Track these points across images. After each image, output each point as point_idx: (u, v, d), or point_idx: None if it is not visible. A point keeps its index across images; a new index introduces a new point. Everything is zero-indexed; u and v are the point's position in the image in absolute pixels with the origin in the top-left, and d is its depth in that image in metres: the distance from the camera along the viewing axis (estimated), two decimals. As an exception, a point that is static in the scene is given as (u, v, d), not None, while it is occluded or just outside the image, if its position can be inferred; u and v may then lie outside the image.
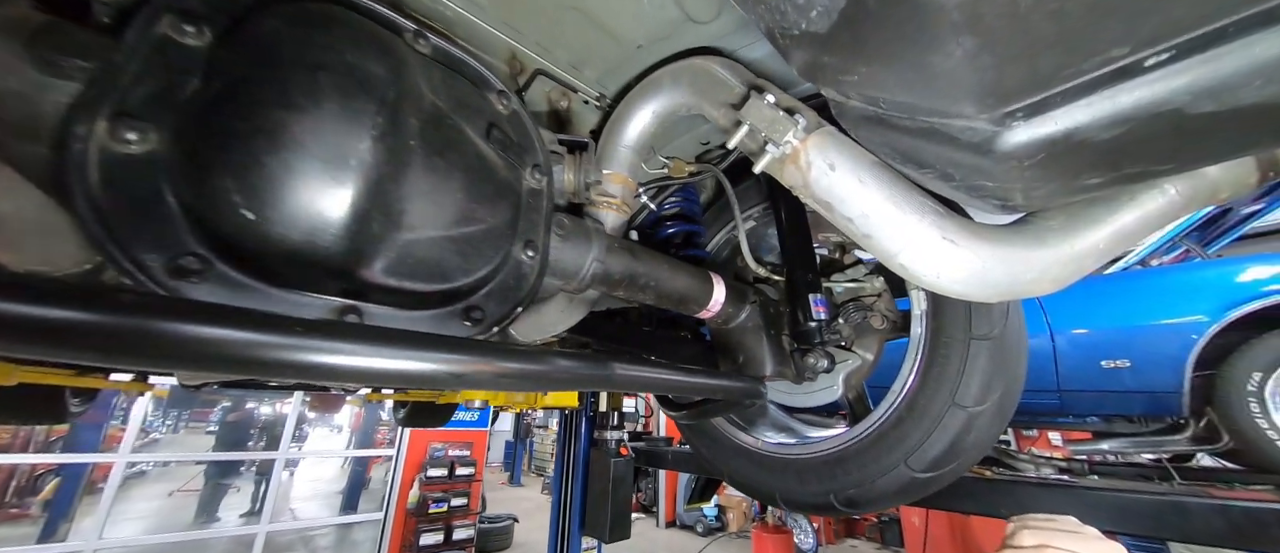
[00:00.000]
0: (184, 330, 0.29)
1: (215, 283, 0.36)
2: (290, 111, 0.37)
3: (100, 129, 0.34)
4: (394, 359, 0.36)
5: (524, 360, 0.43)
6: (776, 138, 0.65)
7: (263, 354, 0.31)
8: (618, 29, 0.91)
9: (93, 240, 0.33)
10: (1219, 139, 0.43)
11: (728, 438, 1.18)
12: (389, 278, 0.43)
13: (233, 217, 0.36)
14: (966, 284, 0.61)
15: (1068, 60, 0.35)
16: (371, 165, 0.40)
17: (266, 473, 9.32)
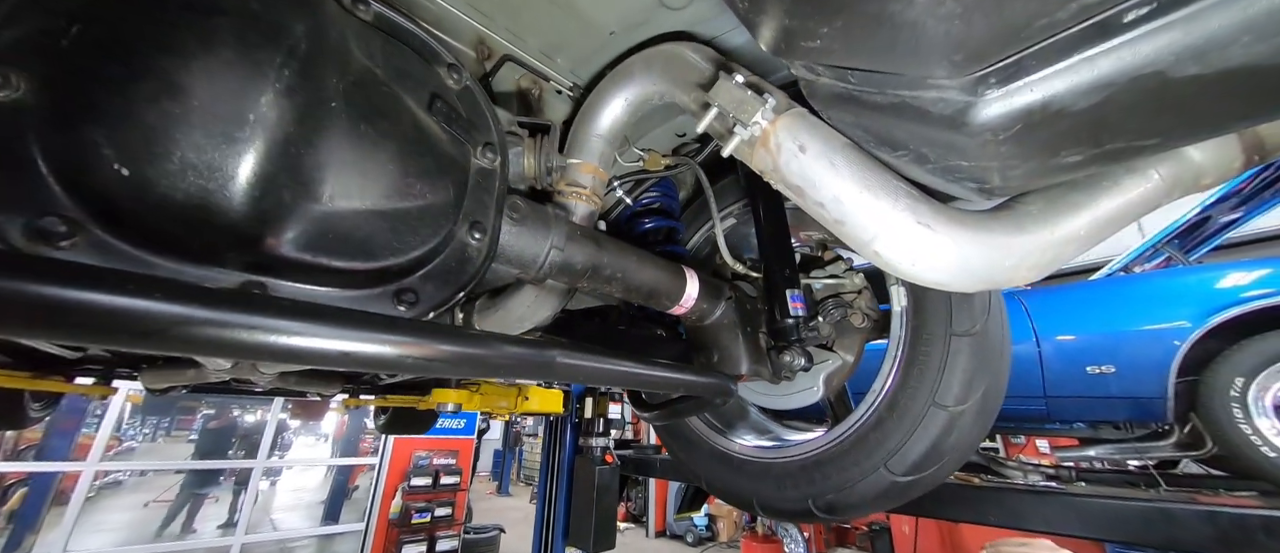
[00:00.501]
0: (29, 290, 0.24)
1: (88, 249, 0.31)
2: (175, 56, 0.32)
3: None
4: (306, 336, 0.32)
5: (457, 342, 0.39)
6: (745, 119, 0.62)
7: (129, 323, 0.27)
8: (590, 14, 0.88)
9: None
10: (1204, 108, 0.40)
11: (704, 441, 1.13)
12: (303, 253, 0.39)
13: (105, 172, 0.31)
14: (944, 272, 0.58)
15: (1040, 7, 0.32)
16: (276, 124, 0.35)
17: (245, 483, 9.04)
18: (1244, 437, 2.47)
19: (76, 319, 0.26)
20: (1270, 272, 2.72)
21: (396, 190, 0.44)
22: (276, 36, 0.36)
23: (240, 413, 10.83)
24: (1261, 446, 2.40)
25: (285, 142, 0.36)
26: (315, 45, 0.38)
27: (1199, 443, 2.84)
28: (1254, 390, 2.47)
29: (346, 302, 0.41)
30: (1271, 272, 2.72)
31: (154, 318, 0.27)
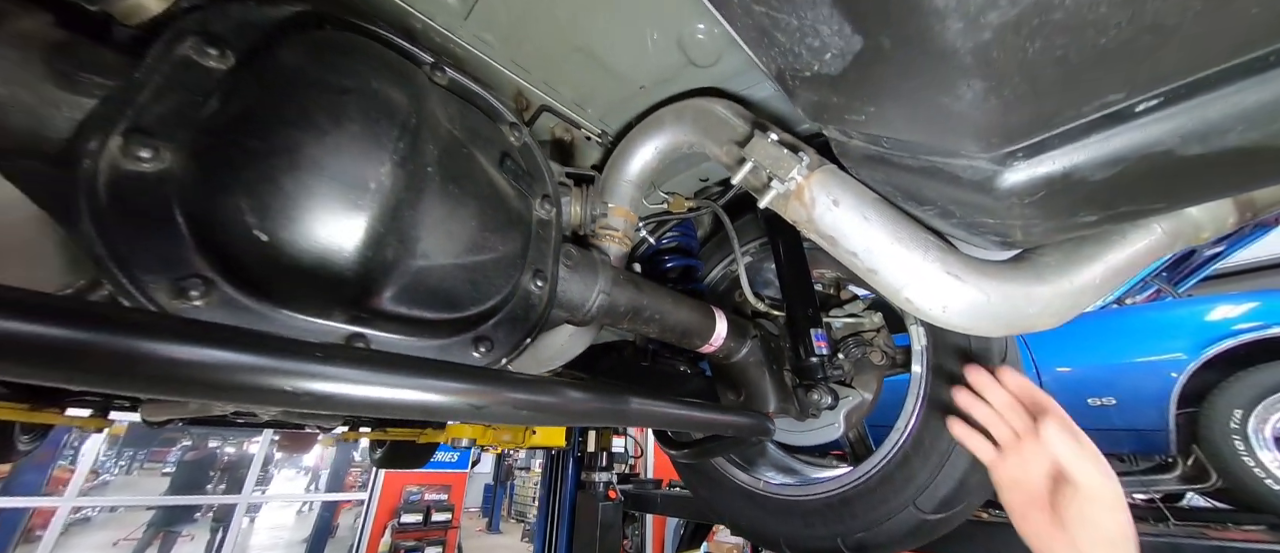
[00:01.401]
0: (173, 350, 0.27)
1: (218, 305, 0.34)
2: (312, 132, 0.36)
3: (113, 146, 0.33)
4: (409, 389, 0.34)
5: (540, 392, 0.41)
6: (781, 175, 0.67)
7: (262, 380, 0.30)
8: (622, 70, 0.95)
9: (92, 257, 0.32)
10: (1205, 180, 0.46)
11: (728, 479, 1.14)
12: (399, 305, 0.42)
13: (245, 237, 0.35)
14: (972, 318, 0.62)
15: (1067, 103, 0.37)
16: (390, 190, 0.39)
17: (224, 520, 8.64)
18: (1247, 469, 2.49)
19: (223, 380, 0.29)
20: (1259, 305, 2.80)
21: (475, 244, 0.48)
22: (393, 111, 0.40)
23: (219, 445, 10.39)
24: (1265, 478, 2.42)
25: (396, 205, 0.40)
26: (420, 117, 0.42)
27: (1204, 476, 2.85)
28: (1253, 422, 2.50)
29: (433, 351, 0.44)
30: (1260, 305, 2.80)
31: (287, 380, 0.30)
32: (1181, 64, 0.35)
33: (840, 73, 0.41)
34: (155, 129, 0.35)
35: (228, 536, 7.95)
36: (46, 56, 0.33)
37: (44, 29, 0.35)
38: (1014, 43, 0.31)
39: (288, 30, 0.43)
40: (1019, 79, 0.35)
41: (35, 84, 0.33)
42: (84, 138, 0.33)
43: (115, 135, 0.33)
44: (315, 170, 0.36)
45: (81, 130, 0.33)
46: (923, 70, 0.36)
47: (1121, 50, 0.34)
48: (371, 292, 0.41)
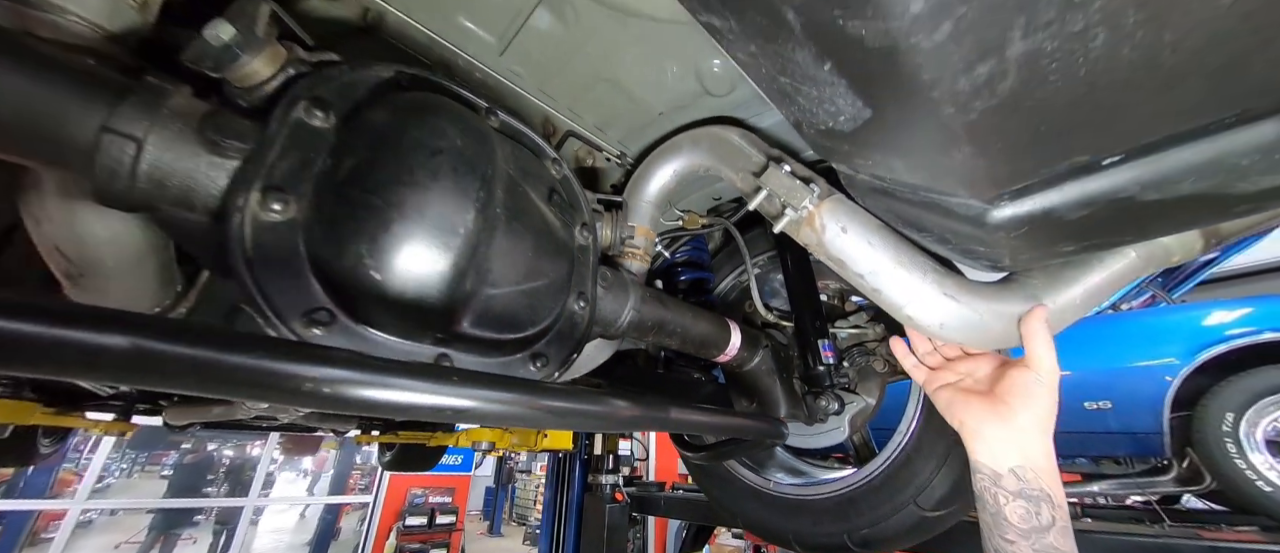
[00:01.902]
0: (323, 372, 0.34)
1: (338, 332, 0.41)
2: (415, 188, 0.44)
3: (253, 200, 0.40)
4: (485, 400, 0.41)
5: (592, 402, 0.48)
6: (794, 203, 0.74)
7: (391, 396, 0.37)
8: (643, 98, 1.02)
9: (244, 294, 0.39)
10: (1165, 218, 0.53)
11: (740, 480, 1.21)
12: (474, 328, 0.49)
13: (359, 276, 0.42)
14: (965, 333, 0.69)
15: (1043, 161, 0.45)
16: (472, 232, 0.46)
17: (228, 522, 8.67)
18: (1239, 472, 2.55)
19: (349, 395, 0.36)
20: (1251, 311, 2.87)
21: (532, 273, 0.55)
22: (474, 166, 0.48)
23: (217, 447, 10.35)
24: (1257, 480, 2.48)
25: (475, 245, 0.47)
26: (494, 167, 0.50)
27: (1198, 478, 2.91)
28: (1244, 426, 2.56)
29: (499, 367, 0.51)
30: (1252, 311, 2.87)
31: (398, 394, 0.37)
32: (1137, 130, 0.42)
33: (851, 131, 0.48)
34: (283, 184, 0.42)
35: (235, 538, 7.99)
36: (199, 126, 0.41)
37: (191, 102, 0.42)
38: (996, 120, 0.38)
39: (377, 92, 0.51)
40: (1001, 145, 0.42)
41: (191, 151, 0.40)
42: (233, 195, 0.40)
43: (254, 191, 0.41)
44: (417, 219, 0.43)
45: (230, 189, 0.40)
46: (921, 136, 0.43)
47: (1086, 121, 0.41)
48: (453, 318, 0.48)
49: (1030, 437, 0.63)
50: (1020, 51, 0.32)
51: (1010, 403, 0.65)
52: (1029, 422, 0.64)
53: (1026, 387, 0.65)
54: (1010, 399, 0.65)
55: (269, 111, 0.46)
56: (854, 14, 0.31)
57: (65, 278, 0.57)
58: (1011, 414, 0.65)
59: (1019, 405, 0.65)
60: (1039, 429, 0.63)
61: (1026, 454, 0.62)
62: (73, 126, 0.36)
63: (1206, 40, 0.32)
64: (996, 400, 0.67)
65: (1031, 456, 0.62)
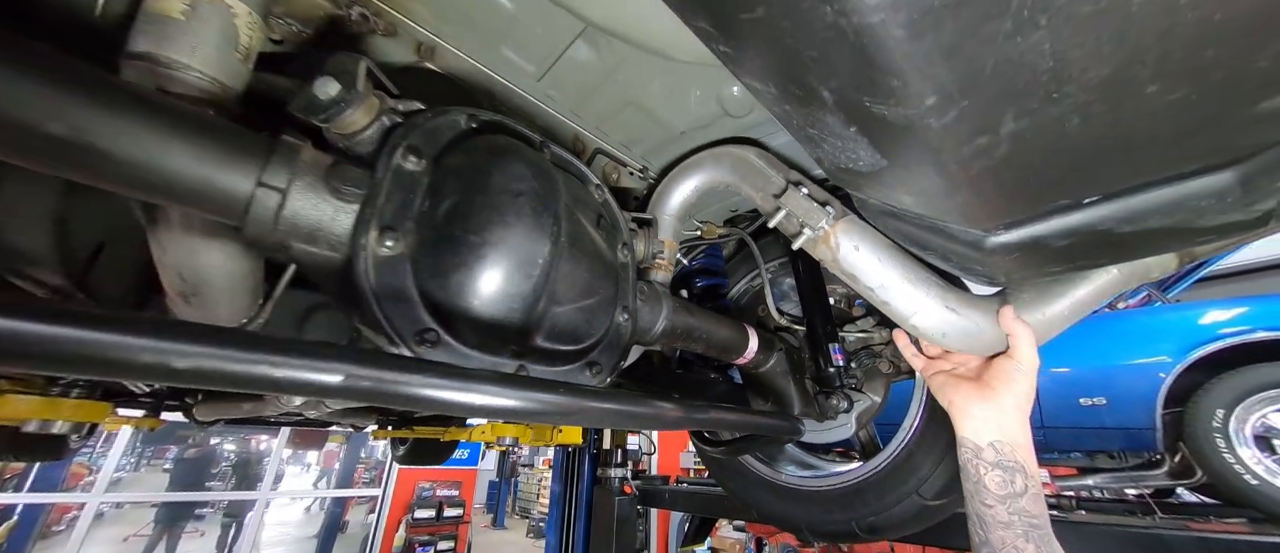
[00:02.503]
0: (427, 382, 0.43)
1: (442, 350, 0.49)
2: (502, 227, 0.52)
3: (372, 238, 0.49)
4: (557, 405, 0.50)
5: (641, 405, 0.57)
6: (812, 223, 0.82)
7: (487, 401, 0.45)
8: (667, 119, 1.10)
9: (369, 318, 0.47)
10: (1139, 245, 0.61)
11: (754, 473, 1.30)
12: (544, 342, 0.57)
13: (459, 302, 0.50)
14: (964, 342, 0.77)
15: (1032, 202, 0.53)
16: (547, 262, 0.54)
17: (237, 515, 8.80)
18: (1228, 466, 2.64)
19: (456, 401, 0.44)
20: (1246, 310, 2.95)
21: (587, 292, 0.63)
22: (549, 205, 0.56)
23: (218, 442, 10.42)
24: (1245, 474, 2.57)
25: (548, 272, 0.55)
26: (563, 203, 0.58)
27: (1190, 472, 3.00)
28: (1234, 422, 2.65)
29: (563, 375, 0.59)
30: (1246, 310, 2.95)
31: (490, 398, 0.46)
32: (1111, 179, 0.50)
33: (867, 172, 0.56)
34: (393, 223, 0.50)
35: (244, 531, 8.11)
36: (326, 176, 0.49)
37: (317, 155, 0.50)
38: (992, 174, 0.46)
39: (457, 138, 0.59)
40: (996, 190, 0.50)
41: (321, 199, 0.48)
42: (357, 235, 0.48)
43: (372, 231, 0.49)
44: (506, 254, 0.51)
45: (355, 230, 0.48)
46: (928, 182, 0.51)
47: (1068, 174, 0.49)
48: (529, 335, 0.56)
49: (1009, 416, 0.73)
50: (1011, 129, 0.40)
51: (994, 386, 0.75)
52: (1009, 402, 0.73)
53: (1008, 373, 0.75)
54: (994, 383, 0.75)
55: (371, 157, 0.54)
56: (880, 100, 0.39)
57: (179, 297, 0.65)
58: (995, 395, 0.74)
59: (1002, 388, 0.74)
60: (1017, 409, 0.73)
61: (1005, 430, 0.72)
62: (234, 181, 0.44)
63: (1165, 118, 0.40)
64: (983, 385, 0.77)
65: (1009, 431, 0.72)
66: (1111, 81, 0.37)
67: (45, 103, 0.37)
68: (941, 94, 0.36)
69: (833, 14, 0.32)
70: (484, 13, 0.87)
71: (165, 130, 0.42)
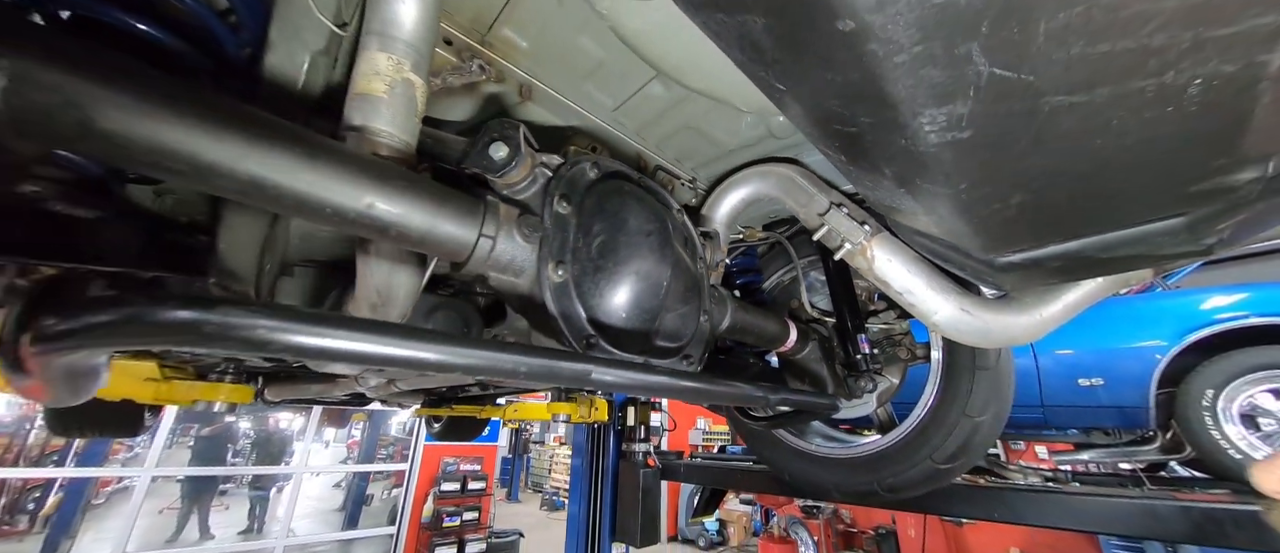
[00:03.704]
0: (602, 369, 0.62)
1: (597, 350, 0.69)
2: (639, 260, 0.70)
3: (549, 269, 0.67)
4: (674, 387, 0.69)
5: (724, 385, 0.76)
6: (851, 239, 1.00)
7: (633, 379, 0.64)
8: (720, 140, 1.26)
9: (552, 328, 0.66)
10: (1116, 266, 0.79)
11: (788, 445, 1.50)
12: (659, 341, 0.76)
13: (608, 316, 0.69)
14: (976, 337, 0.96)
15: (1034, 238, 0.70)
16: (668, 285, 0.73)
17: (265, 488, 9.26)
18: (1215, 442, 2.83)
19: (613, 381, 0.63)
20: (1245, 297, 3.09)
21: (683, 301, 0.82)
22: (668, 237, 0.74)
23: (233, 421, 10.82)
24: (1229, 449, 2.77)
25: (667, 291, 0.74)
26: (671, 236, 0.76)
27: (1180, 447, 3.20)
28: (1222, 401, 2.84)
29: (671, 365, 0.78)
30: (1246, 297, 3.09)
31: (630, 376, 0.65)
32: (1092, 225, 0.68)
33: (902, 208, 0.74)
34: (560, 256, 0.69)
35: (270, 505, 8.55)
36: (516, 224, 0.67)
37: (509, 208, 0.68)
38: (1003, 224, 0.64)
39: (589, 185, 0.77)
40: (1006, 232, 0.68)
41: (514, 242, 0.67)
42: (540, 267, 0.67)
43: (549, 263, 0.67)
44: (643, 280, 0.70)
45: (538, 264, 0.67)
46: (952, 226, 0.69)
47: (1061, 222, 0.67)
48: (650, 338, 0.75)
49: None
50: (1018, 200, 0.58)
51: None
52: None
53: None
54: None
55: (530, 203, 0.72)
56: (928, 181, 0.56)
57: (370, 307, 0.84)
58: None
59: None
60: None
61: None
62: (464, 233, 0.63)
63: (1134, 186, 0.58)
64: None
65: None
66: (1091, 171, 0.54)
67: (349, 187, 0.55)
68: (970, 182, 0.54)
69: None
70: (577, 57, 1.04)
71: (424, 199, 0.60)
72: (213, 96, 0.47)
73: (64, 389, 0.39)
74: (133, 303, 0.32)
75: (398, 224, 0.58)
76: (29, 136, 0.41)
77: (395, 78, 0.74)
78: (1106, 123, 0.46)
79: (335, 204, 0.53)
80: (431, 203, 0.61)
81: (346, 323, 0.44)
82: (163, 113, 0.43)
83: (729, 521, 9.95)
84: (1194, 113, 0.43)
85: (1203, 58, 0.36)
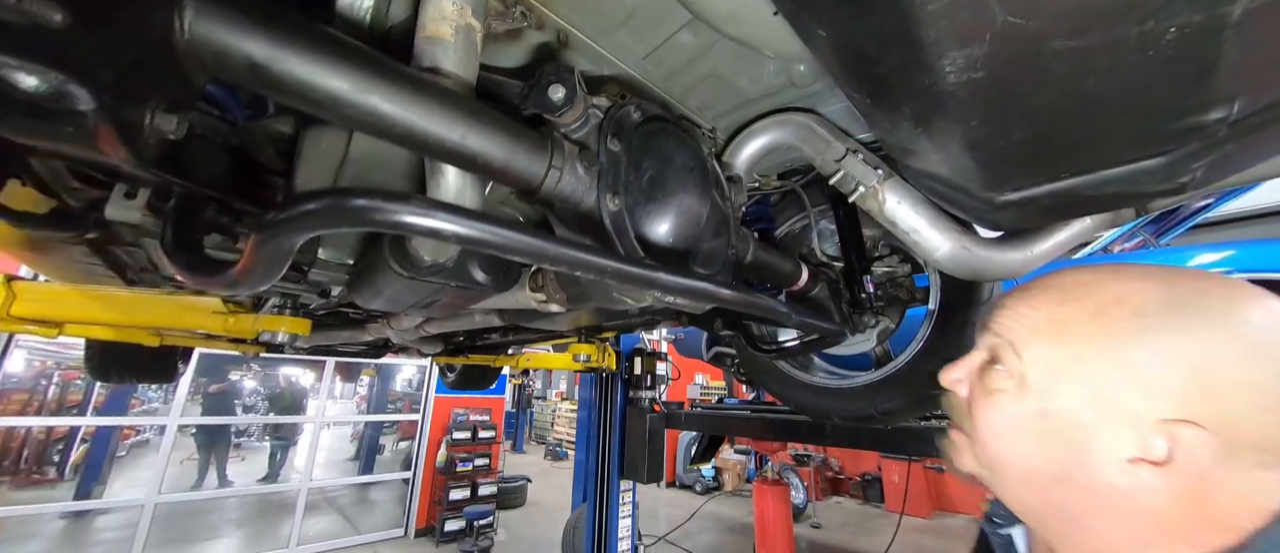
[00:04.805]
0: (665, 276, 0.73)
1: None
2: (684, 192, 0.80)
3: (607, 198, 0.77)
4: (714, 291, 0.81)
5: (755, 295, 0.88)
6: (866, 182, 1.09)
7: (684, 286, 0.76)
8: (742, 89, 1.32)
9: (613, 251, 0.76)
10: (1102, 204, 0.89)
11: (794, 377, 1.66)
12: (696, 266, 0.87)
13: (656, 240, 0.79)
14: (973, 272, 1.07)
15: (1031, 176, 0.80)
16: (706, 215, 0.83)
17: (287, 439, 9.69)
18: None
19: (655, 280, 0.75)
20: (1231, 254, 3.21)
21: (717, 234, 0.92)
22: (707, 177, 0.83)
23: (239, 378, 11.17)
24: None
25: (705, 222, 0.84)
26: (711, 176, 0.85)
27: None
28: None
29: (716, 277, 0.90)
30: (1232, 254, 3.21)
31: (679, 282, 0.76)
32: (1082, 164, 0.77)
33: (911, 147, 0.83)
34: (614, 188, 0.78)
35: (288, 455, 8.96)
36: (578, 157, 0.76)
37: (571, 145, 0.77)
38: (1006, 161, 0.73)
39: (636, 125, 0.85)
40: (1008, 169, 0.77)
41: (577, 174, 0.76)
42: (599, 197, 0.76)
43: (607, 193, 0.77)
44: (686, 211, 0.79)
45: (598, 193, 0.76)
46: (963, 164, 0.78)
47: (1055, 160, 0.76)
48: (690, 261, 0.85)
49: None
50: (1019, 135, 0.67)
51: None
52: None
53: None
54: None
55: (586, 140, 0.81)
56: (944, 118, 0.65)
57: (436, 235, 0.94)
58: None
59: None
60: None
61: None
62: (536, 164, 0.72)
63: (1118, 124, 0.67)
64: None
65: None
66: (1084, 110, 0.63)
67: (447, 121, 0.64)
68: (980, 119, 0.63)
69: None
70: (611, 4, 1.08)
71: (504, 134, 0.69)
72: (348, 40, 0.55)
73: (262, 272, 0.49)
74: (332, 195, 0.42)
75: (484, 154, 0.67)
76: (205, 68, 0.49)
77: (459, 22, 0.80)
78: (1098, 66, 0.55)
79: (437, 135, 0.62)
80: (510, 138, 0.69)
81: (485, 218, 0.52)
82: (309, 50, 0.51)
83: (724, 468, 10.54)
84: (1171, 57, 0.52)
85: (1176, 8, 0.45)
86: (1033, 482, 0.52)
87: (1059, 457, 0.49)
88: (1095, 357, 0.48)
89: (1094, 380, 0.48)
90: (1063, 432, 0.49)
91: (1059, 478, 0.49)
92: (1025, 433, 0.52)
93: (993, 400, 0.55)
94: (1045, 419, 0.50)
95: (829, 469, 10.35)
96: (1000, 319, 0.58)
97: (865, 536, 7.60)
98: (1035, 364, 0.52)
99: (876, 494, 9.47)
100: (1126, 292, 0.49)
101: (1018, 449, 0.53)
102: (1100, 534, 0.49)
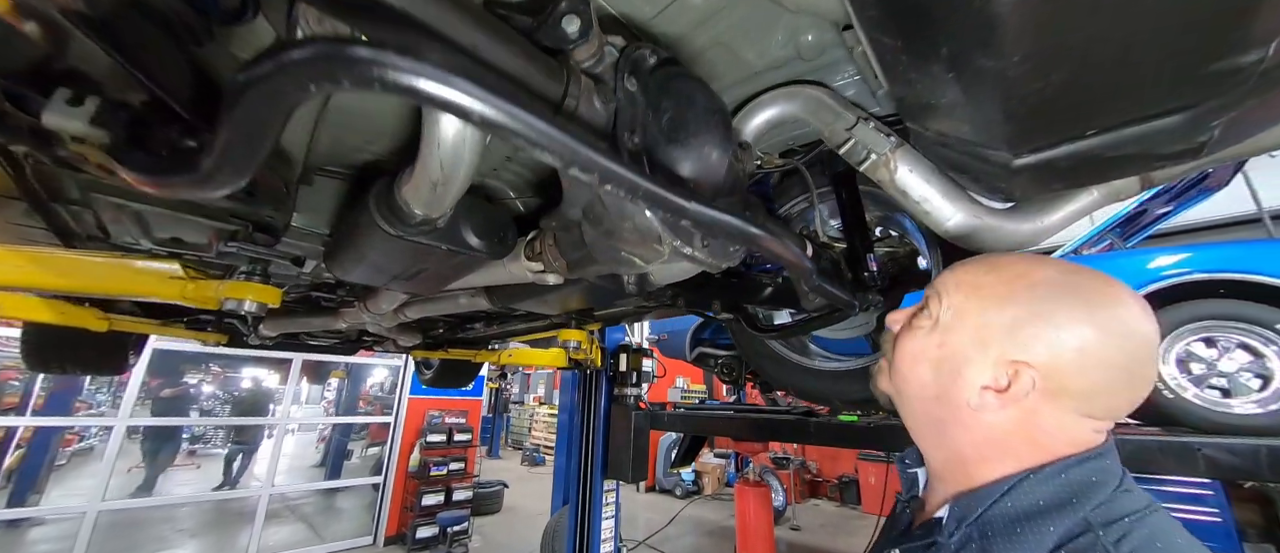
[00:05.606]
0: (694, 206, 0.68)
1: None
2: (707, 135, 0.75)
3: (625, 135, 0.72)
4: (743, 228, 0.76)
5: (778, 238, 0.85)
6: (877, 150, 1.07)
7: (713, 219, 0.71)
8: (748, 59, 1.29)
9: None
10: (1119, 167, 0.88)
11: (791, 360, 1.63)
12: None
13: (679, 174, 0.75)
14: (981, 243, 1.06)
15: (1054, 132, 0.78)
16: (725, 166, 0.79)
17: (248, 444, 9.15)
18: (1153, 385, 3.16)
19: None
20: (1187, 255, 3.39)
21: (732, 191, 0.88)
22: (726, 121, 0.79)
23: (199, 381, 10.49)
24: (1164, 391, 3.11)
25: (722, 172, 0.80)
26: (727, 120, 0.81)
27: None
28: (1162, 348, 3.16)
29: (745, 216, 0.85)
30: (1189, 255, 3.39)
31: (701, 212, 0.71)
32: (1104, 120, 0.76)
33: (934, 101, 0.80)
34: (632, 127, 0.73)
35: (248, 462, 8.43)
36: (594, 90, 0.70)
37: (585, 79, 0.72)
38: (1033, 111, 0.72)
39: (651, 68, 0.80)
40: (1032, 122, 0.75)
41: (594, 103, 0.70)
42: (617, 131, 0.71)
43: (625, 130, 0.72)
44: (704, 159, 0.75)
45: (615, 127, 0.71)
46: (990, 114, 0.76)
47: (1078, 115, 0.75)
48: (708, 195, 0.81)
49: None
50: (1054, 79, 0.65)
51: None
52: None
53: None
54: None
55: (601, 77, 0.75)
56: (986, 55, 0.63)
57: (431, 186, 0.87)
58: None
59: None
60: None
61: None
62: (550, 90, 0.66)
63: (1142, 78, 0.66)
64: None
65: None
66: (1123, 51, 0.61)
67: (457, 26, 0.57)
68: (1024, 53, 0.60)
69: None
70: (622, -41, 1.04)
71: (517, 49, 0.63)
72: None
73: (243, 153, 0.41)
74: (329, 42, 0.34)
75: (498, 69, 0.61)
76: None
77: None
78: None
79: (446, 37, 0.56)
80: (523, 55, 0.63)
81: (522, 102, 0.44)
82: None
83: (704, 472, 10.51)
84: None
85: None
86: (921, 398, 0.68)
87: (943, 381, 0.65)
88: (991, 310, 0.64)
89: (982, 328, 0.64)
90: (950, 361, 0.65)
91: (938, 396, 0.65)
92: (925, 360, 0.68)
93: (912, 334, 0.71)
94: (941, 350, 0.66)
95: (807, 472, 10.44)
96: (940, 278, 0.73)
97: (843, 536, 7.68)
98: (950, 311, 0.67)
99: (853, 496, 9.60)
100: (1034, 273, 0.65)
101: (918, 372, 0.68)
102: (957, 441, 0.64)
